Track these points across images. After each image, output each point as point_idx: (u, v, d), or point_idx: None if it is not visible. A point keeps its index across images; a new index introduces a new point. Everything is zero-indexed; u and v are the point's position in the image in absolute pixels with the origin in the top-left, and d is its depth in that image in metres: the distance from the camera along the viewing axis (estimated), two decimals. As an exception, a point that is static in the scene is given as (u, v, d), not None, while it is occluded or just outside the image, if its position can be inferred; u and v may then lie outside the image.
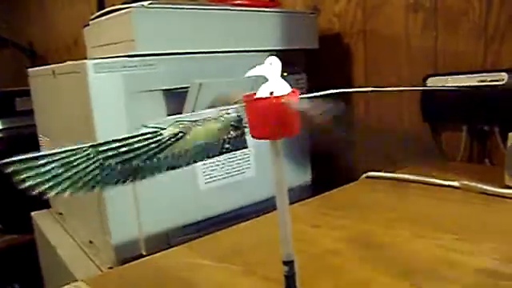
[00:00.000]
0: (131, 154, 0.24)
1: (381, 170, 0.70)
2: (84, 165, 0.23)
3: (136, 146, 0.24)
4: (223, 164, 0.70)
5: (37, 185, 0.21)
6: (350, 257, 0.42)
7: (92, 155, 0.23)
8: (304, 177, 0.85)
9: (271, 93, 0.26)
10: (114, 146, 0.23)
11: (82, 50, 0.81)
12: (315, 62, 0.92)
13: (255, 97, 0.26)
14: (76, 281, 0.42)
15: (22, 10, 2.49)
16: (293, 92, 0.26)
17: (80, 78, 0.59)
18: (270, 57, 0.27)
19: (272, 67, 0.27)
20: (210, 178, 0.69)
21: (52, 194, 0.22)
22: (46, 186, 0.22)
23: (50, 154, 0.22)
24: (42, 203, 0.94)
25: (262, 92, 0.26)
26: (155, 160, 0.25)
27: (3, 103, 1.64)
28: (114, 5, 0.65)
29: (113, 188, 0.24)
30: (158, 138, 0.25)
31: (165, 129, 0.25)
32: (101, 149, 0.23)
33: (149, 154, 0.24)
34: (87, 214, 0.68)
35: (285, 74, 0.28)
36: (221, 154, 0.28)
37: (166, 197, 0.64)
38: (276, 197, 0.29)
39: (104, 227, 0.61)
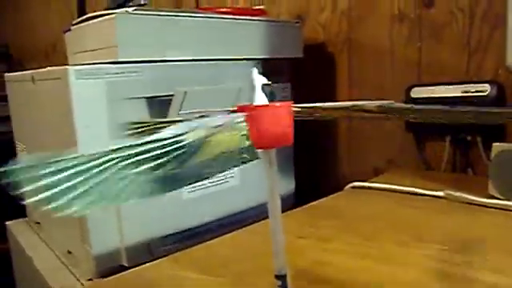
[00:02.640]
0: (158, 161, 0.20)
1: (365, 180, 0.70)
2: (103, 175, 0.19)
3: (161, 151, 0.20)
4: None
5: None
6: (340, 268, 0.41)
7: (113, 162, 0.19)
8: (287, 186, 0.84)
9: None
10: (140, 149, 0.20)
11: (61, 55, 0.79)
12: (300, 71, 0.91)
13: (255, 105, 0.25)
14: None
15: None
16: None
17: (61, 85, 0.57)
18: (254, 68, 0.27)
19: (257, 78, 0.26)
20: (193, 187, 0.68)
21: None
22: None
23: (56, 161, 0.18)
24: (18, 212, 0.91)
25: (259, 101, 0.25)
26: (181, 169, 0.21)
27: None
28: (95, 10, 0.64)
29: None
30: (184, 143, 0.21)
31: (188, 133, 0.22)
32: (121, 154, 0.19)
33: (175, 162, 0.21)
34: (66, 223, 0.66)
35: (269, 83, 0.27)
36: (240, 164, 0.25)
37: (149, 206, 0.63)
38: (268, 208, 0.28)
39: (84, 237, 0.59)
